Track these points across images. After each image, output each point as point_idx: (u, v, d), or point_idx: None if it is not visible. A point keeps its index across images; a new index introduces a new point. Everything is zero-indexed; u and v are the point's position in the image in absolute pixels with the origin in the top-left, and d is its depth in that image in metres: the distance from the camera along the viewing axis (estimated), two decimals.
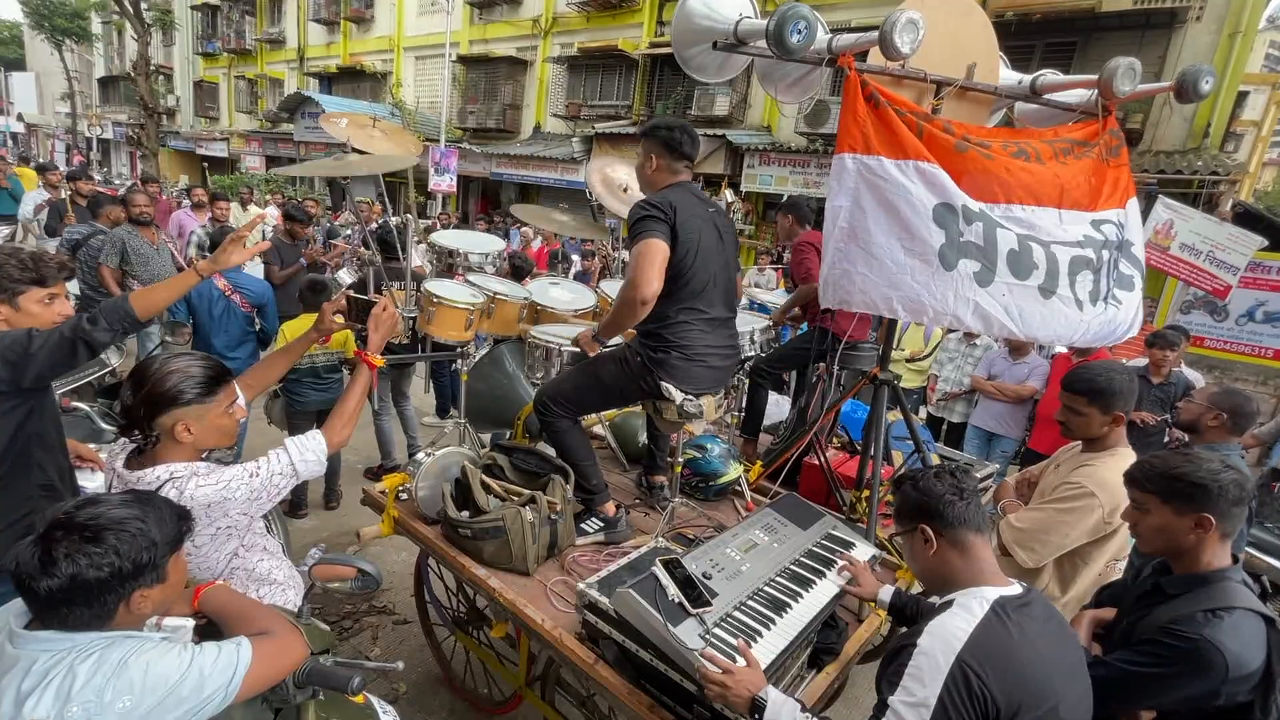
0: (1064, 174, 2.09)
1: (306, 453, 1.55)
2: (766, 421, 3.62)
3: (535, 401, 2.30)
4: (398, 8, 18.86)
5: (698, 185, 2.23)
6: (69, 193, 6.85)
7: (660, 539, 2.14)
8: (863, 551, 2.11)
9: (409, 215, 2.92)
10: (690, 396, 2.11)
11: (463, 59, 16.91)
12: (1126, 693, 1.45)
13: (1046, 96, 2.42)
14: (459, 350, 2.91)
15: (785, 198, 12.47)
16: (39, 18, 27.44)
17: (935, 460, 3.07)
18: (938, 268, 1.90)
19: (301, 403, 3.82)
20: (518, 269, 4.84)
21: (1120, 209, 2.28)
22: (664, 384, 2.10)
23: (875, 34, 1.91)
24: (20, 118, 38.99)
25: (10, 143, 38.37)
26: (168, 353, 1.48)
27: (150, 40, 19.37)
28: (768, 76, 2.35)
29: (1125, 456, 1.94)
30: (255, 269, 5.16)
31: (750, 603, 1.72)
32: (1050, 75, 2.45)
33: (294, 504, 4.03)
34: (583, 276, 8.77)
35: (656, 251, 1.96)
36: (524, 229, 10.94)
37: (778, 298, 4.60)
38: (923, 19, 1.84)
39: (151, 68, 19.61)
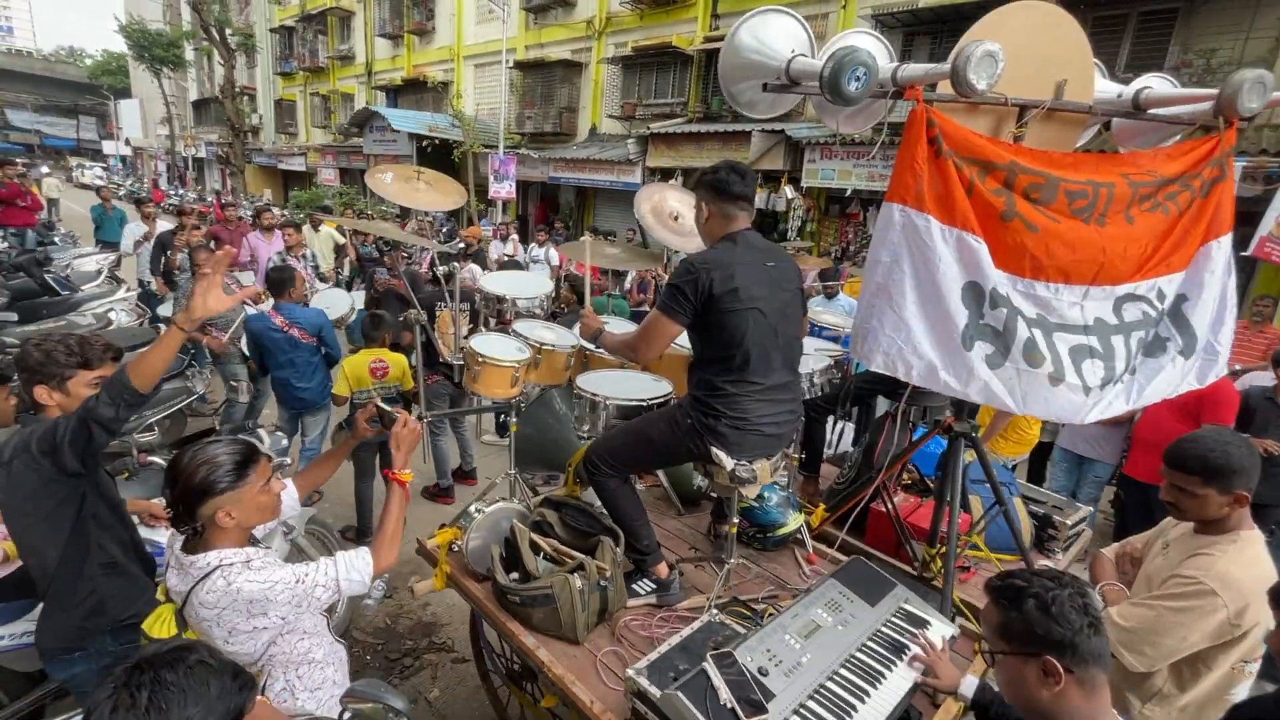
0: (1113, 243, 1.92)
1: (353, 572, 1.58)
2: (832, 451, 3.42)
3: (584, 460, 2.24)
4: (457, 17, 19.29)
5: (756, 234, 2.12)
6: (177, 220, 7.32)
7: (714, 610, 2.03)
8: (939, 630, 1.93)
9: (455, 238, 2.90)
10: (743, 462, 1.99)
11: (519, 64, 17.11)
12: None
13: (1151, 112, 2.12)
14: (509, 404, 2.87)
15: (849, 192, 11.88)
16: (140, 49, 30.02)
17: (1019, 506, 2.80)
18: (958, 346, 1.86)
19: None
20: (581, 296, 4.77)
21: (1178, 272, 2.07)
22: (714, 449, 1.99)
23: (947, 66, 1.70)
24: (128, 142, 42.76)
25: (121, 165, 42.09)
26: (200, 444, 1.50)
27: (235, 64, 20.68)
28: (825, 109, 2.17)
29: (1251, 542, 1.66)
30: (318, 300, 5.31)
31: (810, 703, 1.59)
32: (1156, 86, 2.14)
33: (360, 531, 4.16)
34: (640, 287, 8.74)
35: (665, 334, 2.04)
36: (584, 238, 11.04)
37: (841, 318, 4.20)
38: (1001, 50, 1.62)
39: (237, 89, 20.95)
